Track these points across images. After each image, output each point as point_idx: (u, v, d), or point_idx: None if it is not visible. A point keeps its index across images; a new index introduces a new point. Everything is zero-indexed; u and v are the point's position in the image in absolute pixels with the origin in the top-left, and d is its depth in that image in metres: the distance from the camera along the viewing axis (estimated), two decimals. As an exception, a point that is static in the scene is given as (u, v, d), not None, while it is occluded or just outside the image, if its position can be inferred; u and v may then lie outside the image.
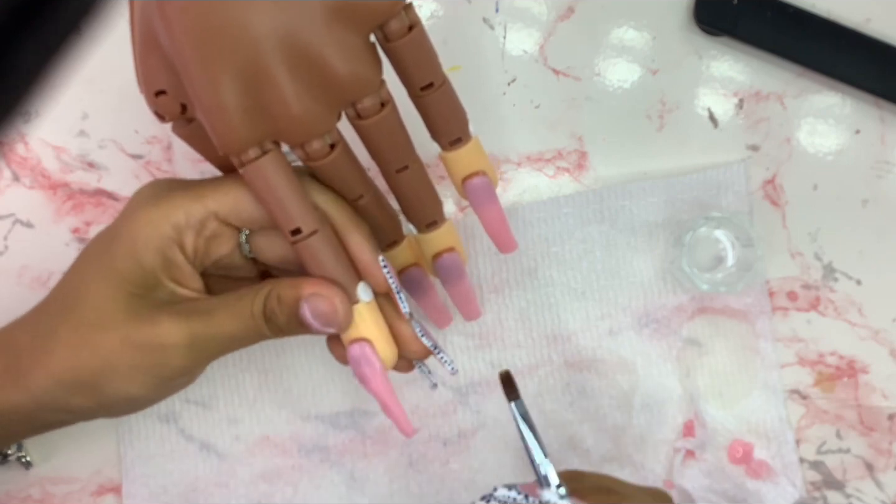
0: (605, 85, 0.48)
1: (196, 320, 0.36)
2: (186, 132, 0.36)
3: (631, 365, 0.47)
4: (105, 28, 0.20)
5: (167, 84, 0.34)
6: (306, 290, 0.35)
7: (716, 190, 0.47)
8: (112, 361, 0.36)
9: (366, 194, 0.38)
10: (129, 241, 0.36)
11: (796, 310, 0.47)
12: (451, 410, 0.47)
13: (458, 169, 0.39)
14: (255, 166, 0.34)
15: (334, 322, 0.36)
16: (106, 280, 0.36)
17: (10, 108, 0.19)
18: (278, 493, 0.47)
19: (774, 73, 0.48)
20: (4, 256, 0.48)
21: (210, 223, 0.37)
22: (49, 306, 0.39)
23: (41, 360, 0.37)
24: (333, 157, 0.35)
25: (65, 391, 0.37)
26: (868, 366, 0.47)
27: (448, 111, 0.37)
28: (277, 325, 0.36)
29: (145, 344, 0.36)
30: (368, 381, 0.37)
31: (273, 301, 0.36)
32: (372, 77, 0.34)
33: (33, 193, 0.48)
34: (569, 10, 0.48)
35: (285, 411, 0.47)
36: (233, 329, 0.36)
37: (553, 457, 0.47)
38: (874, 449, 0.46)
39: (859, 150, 0.47)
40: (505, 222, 0.40)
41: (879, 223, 0.47)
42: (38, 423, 0.39)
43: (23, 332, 0.38)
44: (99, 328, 0.36)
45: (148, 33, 0.34)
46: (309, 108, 0.33)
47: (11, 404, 0.37)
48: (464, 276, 0.41)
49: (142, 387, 0.37)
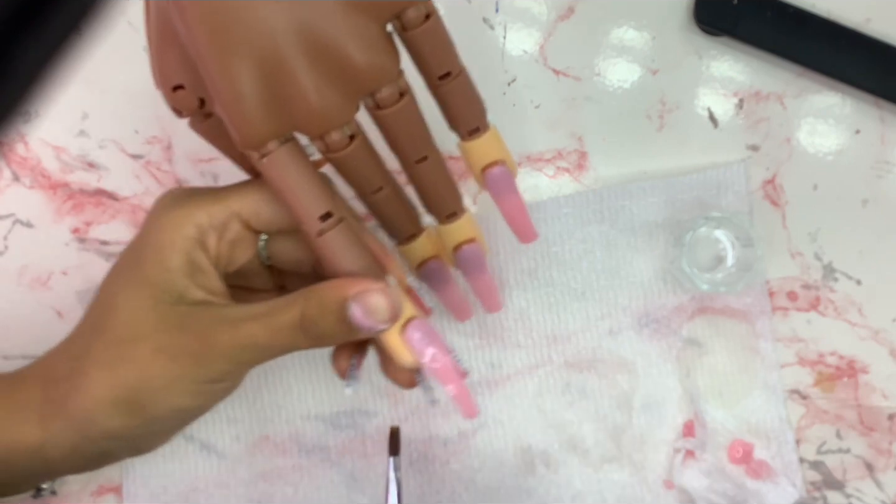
0: (605, 85, 0.48)
1: (228, 329, 0.35)
2: (204, 128, 0.36)
3: (631, 365, 0.47)
4: (105, 28, 0.20)
5: (185, 78, 0.34)
6: (353, 290, 0.34)
7: (716, 190, 0.47)
8: (148, 373, 0.35)
9: (385, 186, 0.37)
10: (154, 246, 0.36)
11: (796, 310, 0.47)
12: (451, 410, 0.47)
13: (477, 158, 0.38)
14: (276, 156, 0.33)
15: (392, 315, 0.34)
16: (135, 290, 0.35)
17: (10, 108, 0.19)
18: (278, 493, 0.47)
19: (774, 73, 0.48)
20: (4, 256, 0.48)
21: (232, 225, 0.36)
22: (82, 328, 0.37)
23: (78, 384, 0.35)
24: (353, 148, 0.35)
25: (105, 413, 0.35)
26: (868, 366, 0.47)
27: (466, 100, 0.36)
28: (317, 333, 0.34)
29: (179, 352, 0.35)
30: (436, 362, 0.36)
31: (313, 308, 0.34)
32: (390, 66, 0.34)
33: (33, 193, 0.48)
34: (569, 10, 0.48)
35: (285, 411, 0.47)
36: (265, 340, 0.35)
37: (553, 457, 0.47)
38: (874, 449, 0.46)
39: (859, 150, 0.47)
40: (525, 212, 0.39)
41: (879, 223, 0.47)
42: (79, 456, 0.37)
43: (59, 359, 0.37)
44: (131, 341, 0.35)
45: (164, 27, 0.33)
46: (328, 98, 0.33)
47: (53, 436, 0.36)
48: (485, 268, 0.41)
49: (183, 395, 0.35)
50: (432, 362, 0.36)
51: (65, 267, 0.48)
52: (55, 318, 0.48)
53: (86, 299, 0.47)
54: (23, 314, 0.48)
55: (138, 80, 0.48)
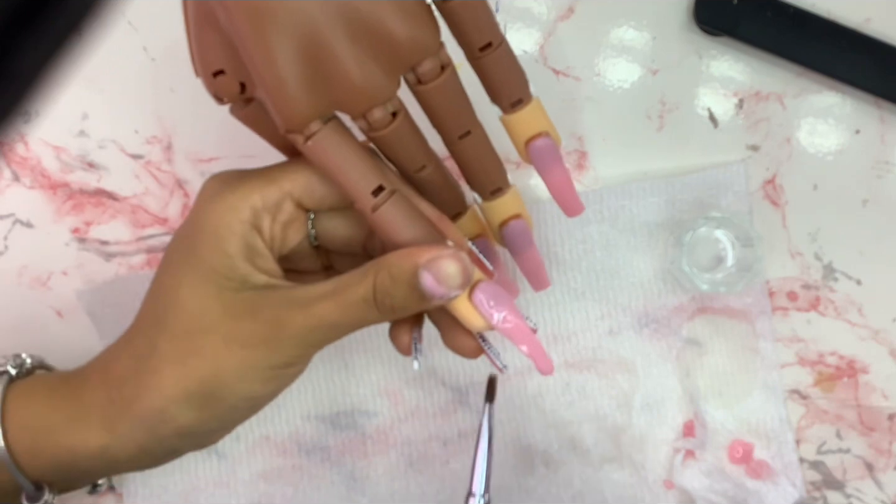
0: (605, 85, 0.48)
1: (298, 311, 0.34)
2: (245, 114, 0.36)
3: (631, 365, 0.47)
4: (105, 28, 0.20)
5: (225, 63, 0.33)
6: (423, 257, 0.33)
7: (716, 190, 0.47)
8: (221, 364, 0.34)
9: (428, 164, 0.37)
10: (211, 231, 0.34)
11: (796, 310, 0.47)
12: (451, 410, 0.47)
13: (521, 131, 0.37)
14: (320, 136, 0.33)
15: (464, 280, 0.33)
16: (196, 279, 0.34)
17: (10, 108, 0.19)
18: (278, 493, 0.47)
19: (774, 73, 0.48)
20: (4, 256, 0.48)
21: (285, 205, 0.36)
22: (142, 324, 0.36)
23: (148, 383, 0.35)
24: (396, 125, 0.34)
25: (179, 409, 0.34)
26: (868, 366, 0.47)
27: (508, 71, 0.36)
28: (390, 304, 0.34)
29: (249, 339, 0.34)
30: (508, 322, 0.35)
31: (384, 280, 0.33)
32: (431, 39, 0.33)
33: (33, 193, 0.48)
34: (569, 10, 0.48)
35: (285, 411, 0.47)
36: (337, 318, 0.34)
37: (553, 457, 0.47)
38: (874, 449, 0.46)
39: (859, 150, 0.47)
40: (571, 184, 0.38)
41: (879, 223, 0.47)
42: (146, 455, 0.36)
43: (119, 359, 0.36)
44: (199, 332, 0.34)
45: (203, 12, 0.33)
46: (369, 75, 0.32)
47: (119, 438, 0.35)
48: (532, 244, 0.40)
49: (256, 382, 0.35)
50: (504, 323, 0.35)
51: (65, 267, 0.48)
52: (55, 318, 0.48)
53: (86, 299, 0.47)
54: (23, 314, 0.48)
55: (138, 80, 0.48)
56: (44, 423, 0.36)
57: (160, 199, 0.48)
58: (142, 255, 0.48)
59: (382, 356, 0.47)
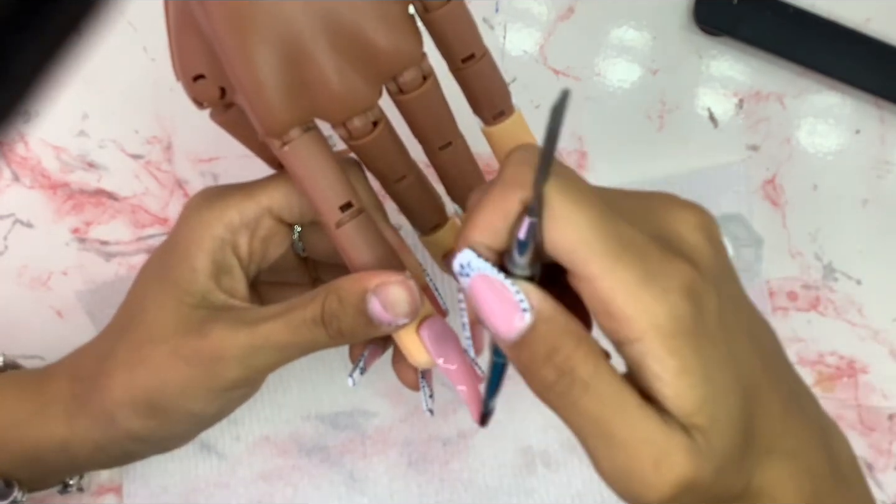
0: (605, 85, 0.48)
1: (245, 331, 0.34)
2: (225, 119, 0.36)
3: (631, 365, 0.47)
4: (105, 28, 0.20)
5: (205, 68, 0.33)
6: (373, 282, 0.32)
7: (716, 190, 0.47)
8: (164, 376, 0.34)
9: (409, 174, 0.37)
10: (183, 246, 0.35)
11: (796, 310, 0.47)
12: (451, 410, 0.47)
13: (504, 143, 0.37)
14: (297, 143, 0.33)
15: (412, 308, 0.33)
16: (160, 290, 0.35)
17: (10, 108, 0.19)
18: (278, 493, 0.47)
19: (774, 73, 0.48)
20: (4, 256, 0.48)
21: (265, 221, 0.36)
22: (111, 327, 0.37)
23: (101, 384, 0.35)
24: (376, 134, 0.34)
25: (125, 414, 0.35)
26: (868, 366, 0.47)
27: (491, 83, 0.36)
28: (338, 328, 0.33)
29: (193, 356, 0.34)
30: (451, 363, 0.34)
31: (333, 302, 0.33)
32: (413, 49, 0.33)
33: (33, 193, 0.48)
34: (569, 10, 0.48)
35: (285, 411, 0.47)
36: (285, 339, 0.34)
37: (553, 457, 0.47)
38: (874, 449, 0.46)
39: (859, 150, 0.47)
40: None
41: (879, 223, 0.47)
42: (103, 454, 0.37)
43: (86, 357, 0.37)
44: (150, 343, 0.35)
45: (184, 16, 0.33)
46: (350, 83, 0.32)
47: (78, 434, 0.36)
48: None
49: (198, 401, 0.35)
50: (447, 363, 0.34)
51: (65, 267, 0.48)
52: (55, 318, 0.48)
53: (86, 299, 0.47)
54: (23, 314, 0.48)
55: (138, 80, 0.48)
56: (11, 417, 0.37)
57: (160, 199, 0.48)
58: (142, 256, 0.48)
59: (382, 356, 0.47)
